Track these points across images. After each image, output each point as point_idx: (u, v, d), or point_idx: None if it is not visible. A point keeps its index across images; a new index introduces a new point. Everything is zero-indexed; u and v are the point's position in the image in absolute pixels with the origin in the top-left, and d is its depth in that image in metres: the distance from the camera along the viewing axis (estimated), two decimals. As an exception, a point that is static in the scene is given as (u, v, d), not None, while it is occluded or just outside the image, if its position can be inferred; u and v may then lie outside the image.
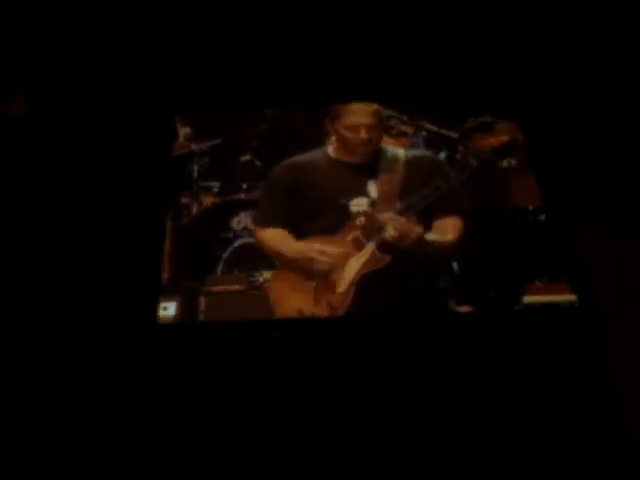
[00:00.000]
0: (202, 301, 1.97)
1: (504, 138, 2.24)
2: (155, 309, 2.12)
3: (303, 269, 2.02)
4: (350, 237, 2.04)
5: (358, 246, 2.05)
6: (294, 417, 2.17)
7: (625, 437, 2.13)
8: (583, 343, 2.27)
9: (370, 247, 2.02)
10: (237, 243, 2.07)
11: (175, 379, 2.21)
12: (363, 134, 2.10)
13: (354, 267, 2.03)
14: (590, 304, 2.23)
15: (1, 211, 2.59)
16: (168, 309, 1.94)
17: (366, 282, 2.00)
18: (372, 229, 2.01)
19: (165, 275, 2.00)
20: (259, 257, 2.04)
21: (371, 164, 2.11)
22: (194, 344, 2.20)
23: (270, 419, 2.16)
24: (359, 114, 2.12)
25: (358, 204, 2.08)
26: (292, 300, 2.02)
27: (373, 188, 2.10)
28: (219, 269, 2.04)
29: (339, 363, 2.19)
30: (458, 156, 2.21)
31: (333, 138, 2.16)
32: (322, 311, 2.01)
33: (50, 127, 2.83)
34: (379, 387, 2.19)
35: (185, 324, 2.11)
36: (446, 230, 2.04)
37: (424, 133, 2.26)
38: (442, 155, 2.21)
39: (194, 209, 2.14)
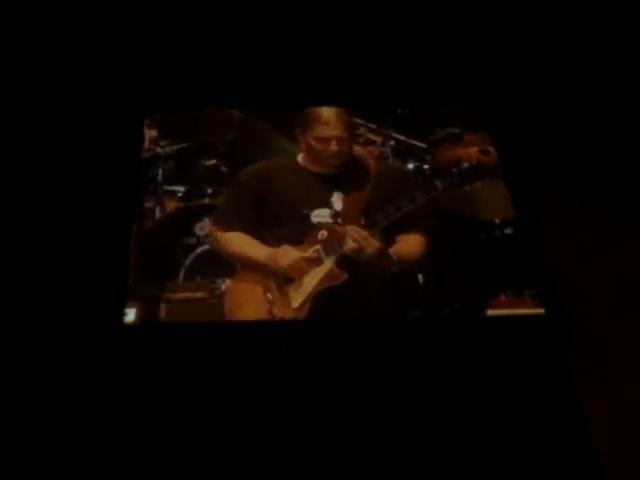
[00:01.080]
0: (162, 308, 1.97)
1: (472, 150, 2.27)
2: (121, 310, 2.09)
3: (263, 275, 2.02)
4: (310, 249, 2.05)
5: (317, 261, 2.04)
6: (261, 419, 2.15)
7: (588, 447, 2.14)
8: (548, 353, 2.28)
9: (329, 263, 2.04)
10: (200, 250, 2.07)
11: (141, 381, 2.20)
12: (333, 147, 2.14)
13: (311, 283, 2.04)
14: (555, 314, 2.24)
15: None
16: (128, 315, 1.92)
17: (322, 298, 1.99)
18: (333, 244, 2.03)
19: (127, 282, 1.97)
20: (222, 264, 2.04)
21: (339, 176, 2.15)
22: (160, 346, 2.18)
23: (237, 421, 2.15)
24: (330, 126, 2.16)
25: (320, 215, 2.12)
26: (247, 309, 2.03)
27: (338, 200, 2.14)
28: (181, 276, 2.04)
29: (307, 366, 2.18)
30: (426, 166, 2.24)
31: (303, 145, 2.16)
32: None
33: (13, 125, 2.74)
34: (347, 391, 2.17)
35: (152, 325, 2.09)
36: (410, 245, 2.06)
37: (392, 142, 2.31)
38: (410, 165, 2.24)
39: (157, 213, 2.13)
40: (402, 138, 2.31)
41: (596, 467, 2.14)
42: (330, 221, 2.10)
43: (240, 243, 2.08)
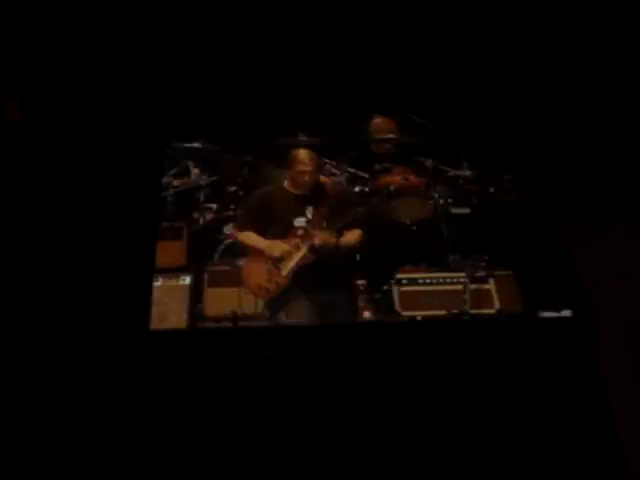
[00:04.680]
0: (205, 276, 2.80)
1: (397, 177, 3.09)
2: (147, 316, 2.58)
3: (264, 257, 2.79)
4: (292, 242, 2.81)
5: (297, 247, 2.80)
6: (285, 424, 2.37)
7: (617, 446, 2.27)
8: (576, 353, 2.44)
9: (304, 249, 2.80)
10: (227, 242, 2.92)
11: (166, 385, 2.44)
12: (306, 178, 2.88)
13: (293, 260, 2.79)
14: (583, 315, 2.47)
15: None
16: (186, 280, 2.76)
17: (299, 270, 2.79)
18: (306, 238, 2.80)
19: (183, 261, 2.84)
20: (239, 251, 2.86)
21: (310, 196, 2.90)
22: (185, 351, 2.53)
23: (260, 425, 2.37)
24: (305, 164, 2.89)
25: (299, 221, 2.86)
26: (254, 277, 2.77)
27: (309, 212, 2.87)
28: (216, 256, 2.89)
29: (331, 371, 2.48)
30: (366, 189, 3.07)
31: (288, 176, 2.91)
32: (271, 286, 2.73)
33: (45, 133, 3.13)
34: (370, 396, 2.44)
35: (175, 331, 2.63)
36: (353, 236, 2.87)
37: (346, 174, 3.13)
38: (357, 189, 3.09)
39: (201, 221, 2.99)
40: (352, 171, 3.13)
41: (624, 465, 2.23)
42: (305, 224, 2.84)
43: (250, 238, 2.85)
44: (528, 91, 3.30)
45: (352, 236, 2.90)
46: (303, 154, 2.96)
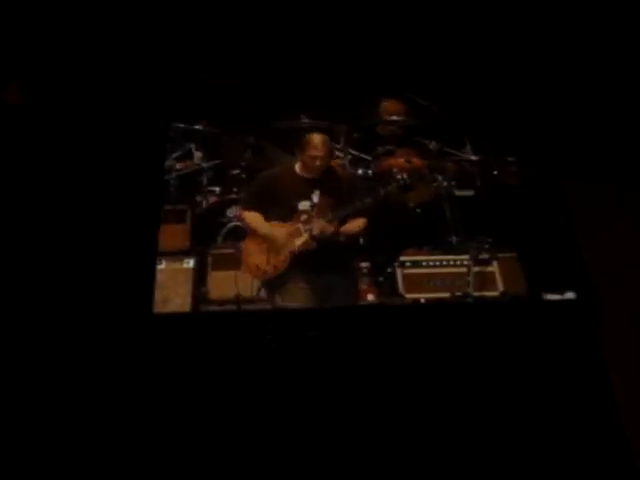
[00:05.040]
0: (209, 259, 2.81)
1: (401, 160, 3.08)
2: (150, 299, 2.57)
3: (263, 239, 2.78)
4: (295, 226, 2.80)
5: (298, 233, 2.78)
6: (288, 407, 2.36)
7: (621, 433, 2.26)
8: (578, 335, 2.44)
9: (305, 235, 2.78)
10: (230, 225, 2.92)
11: (170, 369, 2.44)
12: (318, 162, 2.84)
13: (293, 245, 2.77)
14: (586, 297, 2.47)
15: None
16: (189, 263, 2.78)
17: (299, 254, 2.77)
18: (308, 224, 2.78)
19: (187, 244, 2.84)
20: (242, 234, 2.85)
21: (319, 180, 2.86)
22: (188, 334, 2.53)
23: (264, 409, 2.35)
24: (318, 149, 2.83)
25: (304, 205, 2.82)
26: (253, 257, 2.76)
27: (316, 196, 2.84)
28: (219, 239, 2.88)
29: (335, 354, 2.48)
30: (369, 172, 3.07)
31: (300, 159, 2.88)
32: (269, 268, 2.73)
33: (46, 117, 3.09)
34: (374, 378, 2.43)
35: (180, 315, 2.62)
36: (356, 224, 2.84)
37: (349, 157, 3.13)
38: (360, 171, 3.08)
39: (204, 204, 3.00)
40: (355, 153, 3.12)
41: (626, 447, 2.23)
42: (309, 209, 2.82)
43: (254, 220, 2.82)
44: (533, 73, 3.28)
45: (355, 225, 2.88)
46: (317, 139, 2.91)
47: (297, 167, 2.93)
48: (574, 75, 3.25)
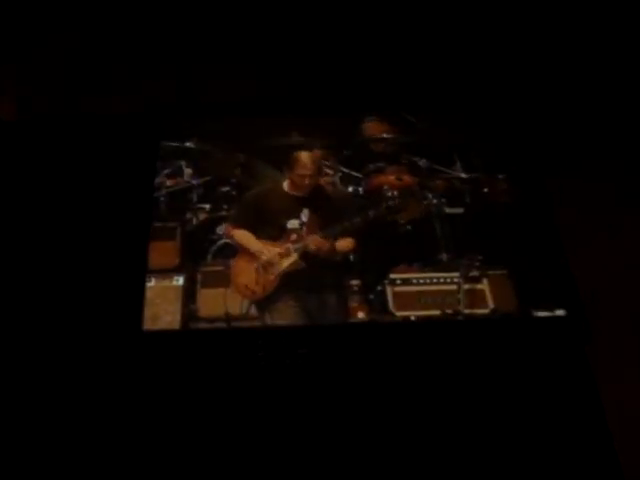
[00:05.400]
0: (198, 276, 2.80)
1: (391, 177, 3.09)
2: (140, 316, 2.54)
3: (253, 258, 2.78)
4: (285, 245, 2.80)
5: (288, 252, 2.79)
6: (280, 425, 2.34)
7: (611, 450, 2.24)
8: (568, 353, 2.43)
9: (294, 255, 2.79)
10: (219, 243, 2.89)
11: (160, 387, 2.42)
12: (307, 181, 2.85)
13: (282, 265, 2.77)
14: (576, 314, 2.44)
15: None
16: (179, 280, 2.76)
17: (288, 275, 2.78)
18: (298, 244, 2.79)
19: (176, 261, 2.83)
20: (231, 251, 2.84)
21: (307, 198, 2.87)
22: (178, 352, 2.50)
23: (255, 427, 2.34)
24: (306, 167, 2.86)
25: (292, 224, 2.81)
26: (243, 277, 2.75)
27: (305, 214, 2.85)
28: (209, 257, 2.86)
29: (325, 372, 2.47)
30: (360, 189, 3.08)
31: (288, 177, 2.88)
32: (258, 288, 2.72)
33: (38, 133, 3.07)
34: (365, 396, 2.42)
35: (169, 332, 2.58)
36: (346, 243, 2.85)
37: (340, 174, 3.13)
38: (350, 189, 3.09)
39: (194, 221, 2.98)
40: (346, 170, 3.13)
41: (617, 465, 2.21)
42: (298, 228, 2.83)
43: (243, 237, 2.82)
44: (522, 90, 3.27)
45: (346, 243, 2.89)
46: (305, 157, 2.93)
47: (285, 185, 2.94)
48: (563, 91, 3.25)
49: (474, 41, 3.36)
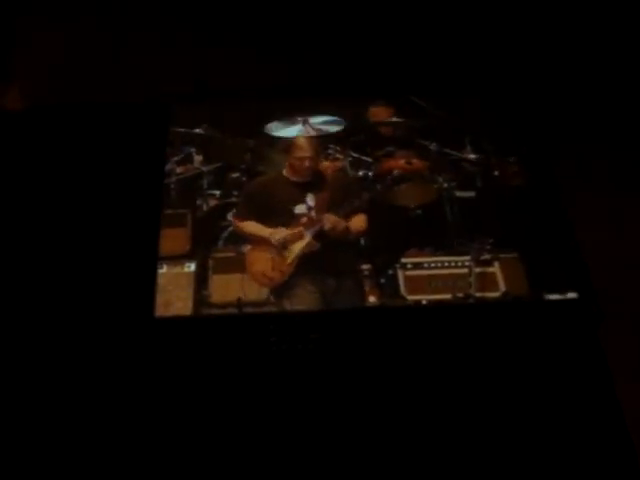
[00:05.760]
0: (210, 262, 2.81)
1: (401, 161, 3.09)
2: (152, 303, 2.53)
3: (267, 245, 2.78)
4: (297, 229, 2.79)
5: (300, 236, 2.77)
6: (292, 411, 2.32)
7: (624, 433, 2.23)
8: (580, 336, 2.41)
9: (308, 237, 2.77)
10: (230, 228, 2.90)
11: (172, 373, 2.41)
12: (306, 164, 2.84)
13: (297, 248, 2.75)
14: (588, 296, 2.42)
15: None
16: (190, 266, 2.77)
17: (303, 258, 2.78)
18: (309, 226, 2.78)
19: (187, 248, 2.83)
20: (242, 238, 2.85)
21: (310, 183, 2.86)
22: (190, 338, 2.49)
23: (268, 413, 2.32)
24: (304, 150, 2.86)
25: (300, 209, 2.80)
26: (258, 265, 2.75)
27: (310, 199, 2.84)
28: (220, 243, 2.87)
29: (337, 356, 2.46)
30: (370, 173, 3.07)
31: (287, 163, 2.90)
32: (275, 274, 2.72)
33: (46, 122, 3.08)
34: (376, 380, 2.40)
35: (181, 318, 2.58)
36: (358, 222, 2.85)
37: (350, 158, 3.12)
38: (360, 173, 3.08)
39: (204, 207, 2.99)
40: (356, 155, 3.13)
41: (631, 448, 2.19)
42: (306, 212, 2.83)
43: (252, 227, 2.83)
44: (532, 72, 3.26)
45: (359, 221, 2.88)
46: (302, 140, 2.95)
47: (285, 172, 2.94)
48: (574, 73, 3.26)
49: (483, 24, 3.38)
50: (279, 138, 3.11)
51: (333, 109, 3.22)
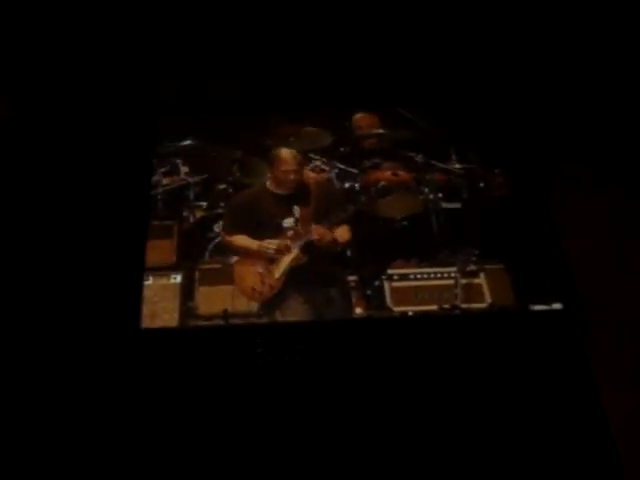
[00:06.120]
0: (196, 274, 2.80)
1: (387, 173, 3.11)
2: (138, 314, 2.51)
3: (255, 259, 2.79)
4: (284, 242, 2.81)
5: (287, 249, 2.80)
6: (280, 422, 2.31)
7: (610, 443, 2.21)
8: (565, 346, 2.40)
9: (295, 250, 2.79)
10: (217, 240, 2.90)
11: (159, 385, 2.39)
12: (292, 177, 2.86)
13: (285, 262, 2.78)
14: (573, 306, 2.41)
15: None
16: (177, 278, 2.76)
17: (292, 271, 2.79)
18: (296, 239, 2.80)
19: (174, 258, 2.82)
20: (229, 249, 2.85)
21: (295, 195, 2.87)
22: (177, 350, 2.48)
23: (255, 424, 2.31)
24: (288, 163, 2.88)
25: (288, 222, 2.84)
26: (247, 281, 2.76)
27: (297, 211, 2.86)
28: (207, 254, 2.87)
29: (325, 367, 2.46)
30: (356, 185, 3.09)
31: (270, 176, 2.93)
32: (265, 288, 2.72)
33: (34, 131, 3.08)
34: (364, 391, 2.40)
35: (167, 330, 2.54)
36: (342, 233, 2.87)
37: (336, 170, 3.13)
38: (346, 185, 3.10)
39: (191, 219, 2.98)
40: (342, 167, 3.14)
41: (617, 460, 2.17)
42: (293, 225, 2.84)
43: (240, 240, 2.84)
44: (518, 83, 3.29)
45: (343, 232, 2.89)
46: (286, 153, 2.94)
47: (269, 184, 2.97)
48: (558, 83, 3.27)
49: (468, 35, 3.39)
50: (266, 150, 3.11)
51: (320, 121, 3.27)
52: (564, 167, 3.02)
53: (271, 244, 2.78)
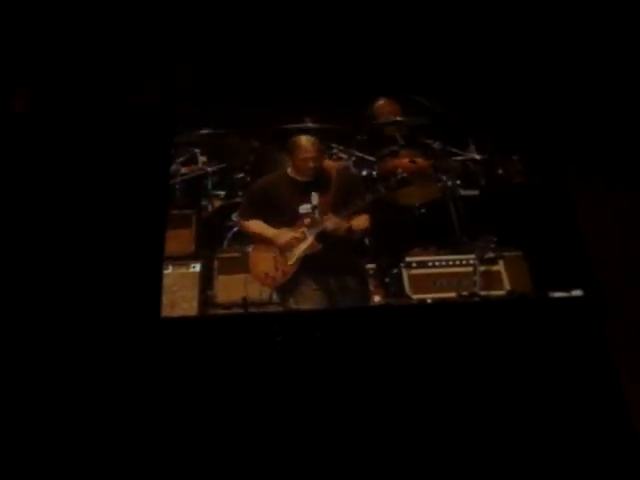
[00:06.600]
0: (215, 263, 2.81)
1: (405, 160, 3.09)
2: (158, 303, 2.54)
3: (269, 246, 2.80)
4: (300, 230, 2.81)
5: (303, 236, 2.76)
6: (298, 410, 2.32)
7: (631, 430, 2.20)
8: (586, 333, 2.40)
9: (310, 238, 2.79)
10: (235, 229, 2.92)
11: (178, 373, 2.40)
12: (311, 164, 2.86)
13: (299, 249, 2.77)
14: (593, 292, 2.42)
15: (2, 207, 2.83)
16: (196, 267, 2.78)
17: (306, 258, 2.79)
18: (312, 226, 2.79)
19: (192, 248, 2.84)
20: (247, 238, 2.86)
21: (314, 182, 2.87)
22: (196, 338, 2.50)
23: (274, 412, 2.31)
24: (308, 150, 2.87)
25: (305, 208, 2.83)
26: (261, 266, 2.77)
27: (315, 198, 2.85)
28: (225, 243, 2.88)
29: (343, 355, 2.45)
30: (374, 173, 3.08)
31: (291, 163, 2.93)
32: (278, 274, 2.73)
33: (53, 123, 3.10)
34: (382, 379, 2.39)
35: (186, 319, 2.58)
36: (361, 222, 2.86)
37: (354, 158, 3.14)
38: (364, 172, 3.09)
39: (209, 208, 3.00)
40: (359, 154, 3.14)
41: (638, 448, 2.17)
42: (311, 212, 2.84)
43: (256, 226, 2.85)
44: (535, 70, 3.28)
45: (362, 221, 2.88)
46: (304, 140, 2.94)
47: (290, 171, 2.94)
48: (578, 70, 3.28)
49: (487, 22, 3.40)
50: (283, 138, 3.09)
51: (337, 108, 3.25)
52: (582, 154, 3.07)
53: (284, 237, 2.79)
